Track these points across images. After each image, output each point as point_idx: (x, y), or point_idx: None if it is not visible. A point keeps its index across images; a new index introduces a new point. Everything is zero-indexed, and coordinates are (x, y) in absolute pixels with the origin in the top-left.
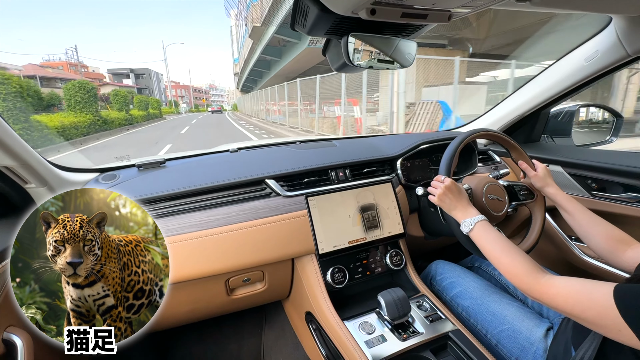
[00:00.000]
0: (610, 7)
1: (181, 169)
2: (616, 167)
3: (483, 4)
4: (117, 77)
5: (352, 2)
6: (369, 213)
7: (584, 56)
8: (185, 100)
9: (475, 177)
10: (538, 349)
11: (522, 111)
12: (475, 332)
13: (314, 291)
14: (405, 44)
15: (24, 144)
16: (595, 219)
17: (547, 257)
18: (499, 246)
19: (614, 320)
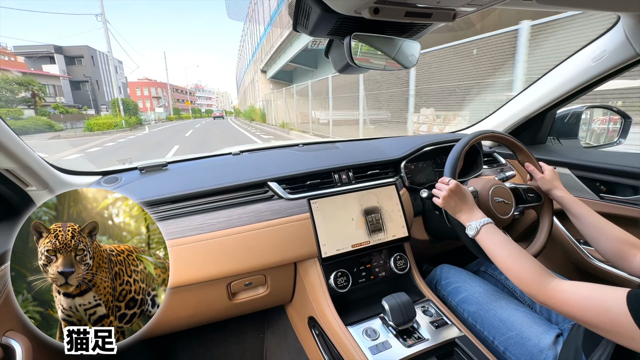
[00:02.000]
0: (618, 5)
1: (183, 171)
2: (626, 168)
3: (489, 2)
4: (34, 62)
5: (355, 1)
6: (372, 216)
7: (592, 56)
8: (162, 103)
9: (481, 180)
10: (547, 356)
11: (528, 112)
12: (482, 339)
13: (316, 296)
14: (409, 45)
15: (25, 146)
16: (604, 223)
17: (555, 261)
18: (506, 250)
19: (627, 327)
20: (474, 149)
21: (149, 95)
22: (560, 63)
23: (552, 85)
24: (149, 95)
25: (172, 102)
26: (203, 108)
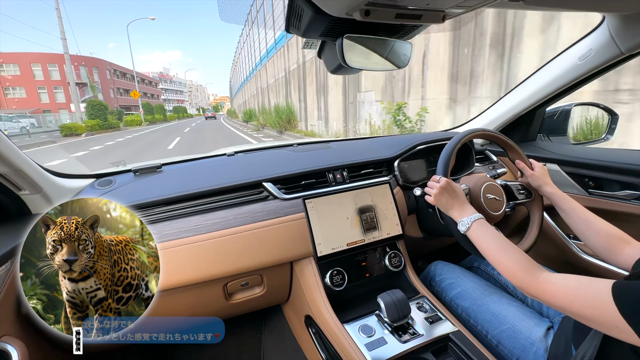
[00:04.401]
0: (602, 5)
1: (178, 173)
2: (613, 164)
3: (476, 4)
4: None
5: (346, 3)
6: (367, 215)
7: (578, 55)
8: (88, 95)
9: (473, 177)
10: (539, 348)
11: (517, 110)
12: (475, 333)
13: (313, 294)
14: (401, 45)
15: (17, 150)
16: (593, 217)
17: (546, 256)
18: (496, 244)
19: (612, 317)
20: (466, 147)
21: (62, 80)
22: (548, 62)
23: (541, 83)
24: (62, 80)
25: (114, 93)
26: (170, 105)
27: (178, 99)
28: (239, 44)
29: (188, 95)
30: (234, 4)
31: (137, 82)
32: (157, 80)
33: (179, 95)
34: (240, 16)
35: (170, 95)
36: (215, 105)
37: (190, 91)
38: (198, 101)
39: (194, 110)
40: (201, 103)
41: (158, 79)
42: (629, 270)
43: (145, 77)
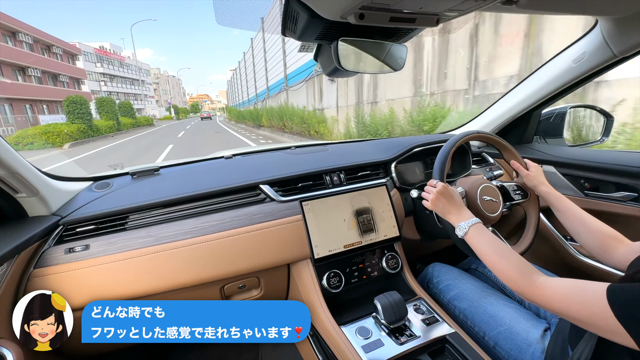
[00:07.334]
0: (595, 9)
1: (175, 176)
2: (609, 166)
3: (470, 7)
4: None
5: (340, 7)
6: (364, 217)
7: (572, 57)
8: None
9: (469, 179)
10: (536, 349)
11: (513, 113)
12: (472, 335)
13: (310, 297)
14: (396, 48)
15: (14, 152)
16: (587, 217)
17: (542, 257)
18: (493, 249)
19: (607, 320)
20: (463, 149)
21: None
22: (543, 64)
23: (536, 86)
24: None
25: None
26: (131, 96)
27: (140, 93)
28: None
29: (154, 90)
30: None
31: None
32: (79, 51)
33: (142, 89)
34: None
35: (119, 86)
36: (194, 104)
37: (157, 82)
38: (171, 97)
39: (162, 110)
40: (175, 100)
41: (96, 58)
42: (623, 270)
43: (49, 40)
